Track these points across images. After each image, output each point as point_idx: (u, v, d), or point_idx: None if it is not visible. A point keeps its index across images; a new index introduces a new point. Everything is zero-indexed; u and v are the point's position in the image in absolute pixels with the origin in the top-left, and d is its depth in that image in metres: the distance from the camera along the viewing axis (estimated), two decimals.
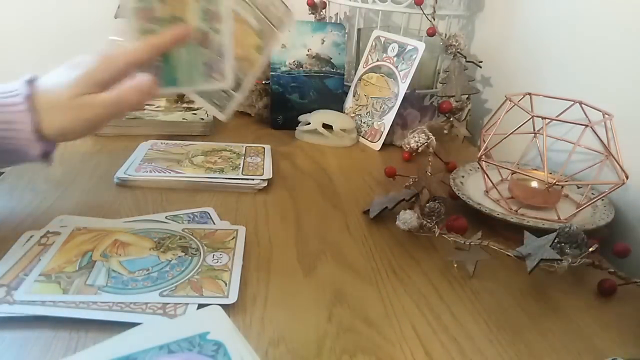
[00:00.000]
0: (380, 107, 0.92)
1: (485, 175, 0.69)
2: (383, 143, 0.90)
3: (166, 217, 0.61)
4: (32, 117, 0.45)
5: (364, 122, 0.95)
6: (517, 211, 0.65)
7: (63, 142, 0.50)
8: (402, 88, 0.89)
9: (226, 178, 0.71)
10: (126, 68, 0.48)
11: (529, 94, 0.71)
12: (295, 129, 0.94)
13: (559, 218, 0.64)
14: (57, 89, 0.46)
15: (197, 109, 0.98)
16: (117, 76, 0.48)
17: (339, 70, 0.99)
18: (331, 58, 0.98)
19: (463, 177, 0.73)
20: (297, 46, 0.97)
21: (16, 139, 0.46)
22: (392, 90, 0.91)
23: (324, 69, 0.98)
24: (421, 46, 0.88)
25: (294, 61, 0.97)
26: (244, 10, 0.54)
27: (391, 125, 0.90)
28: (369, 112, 0.94)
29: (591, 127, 0.61)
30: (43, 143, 0.47)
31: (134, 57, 0.48)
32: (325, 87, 0.99)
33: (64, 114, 0.46)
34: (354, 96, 0.98)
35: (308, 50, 0.97)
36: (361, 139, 0.94)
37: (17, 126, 0.45)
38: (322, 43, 0.98)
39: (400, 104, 0.89)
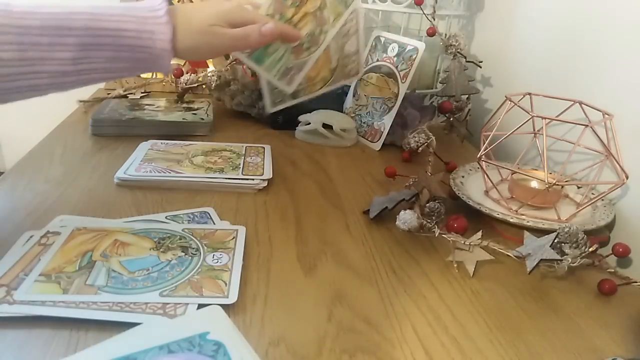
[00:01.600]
0: (381, 107, 0.92)
1: (485, 175, 0.69)
2: (383, 143, 0.90)
3: (166, 217, 0.61)
4: (171, 29, 0.52)
5: (364, 122, 0.95)
6: (517, 211, 0.65)
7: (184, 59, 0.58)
8: (402, 88, 0.89)
9: (226, 178, 0.71)
10: (254, 21, 0.57)
11: (529, 94, 0.71)
12: (295, 129, 0.94)
13: (559, 218, 0.64)
14: (196, 14, 0.55)
15: (197, 109, 0.98)
16: (245, 23, 0.57)
17: None
18: None
19: (463, 177, 0.73)
20: None
21: (154, 48, 0.52)
22: (392, 90, 0.91)
23: None
24: (421, 46, 0.88)
25: None
26: (334, 49, 0.67)
27: (391, 125, 0.90)
28: (369, 112, 0.94)
29: (591, 127, 0.61)
30: (172, 55, 0.54)
31: (262, 21, 0.58)
32: None
33: (196, 35, 0.54)
34: (354, 96, 0.98)
35: None
36: (361, 139, 0.94)
37: (157, 36, 0.52)
38: None
39: (401, 104, 0.89)
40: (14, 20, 0.47)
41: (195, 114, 0.95)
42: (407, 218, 0.59)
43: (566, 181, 0.68)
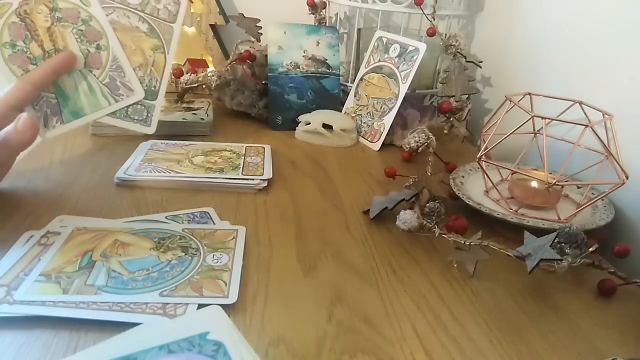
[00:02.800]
0: (381, 108, 0.92)
1: (485, 175, 0.69)
2: (383, 143, 0.90)
3: (166, 217, 0.61)
4: None
5: (364, 122, 0.95)
6: (517, 211, 0.65)
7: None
8: (403, 89, 0.89)
9: (226, 178, 0.71)
10: (6, 114, 0.49)
11: (529, 94, 0.71)
12: (295, 129, 0.94)
13: (559, 218, 0.64)
14: None
15: (197, 109, 0.98)
16: None
17: (334, 71, 1.00)
18: (326, 59, 0.99)
19: (463, 177, 0.73)
20: (294, 48, 0.98)
21: None
22: (392, 91, 0.91)
23: (320, 69, 0.99)
24: (422, 47, 0.88)
25: (290, 62, 0.98)
26: (125, 17, 0.54)
27: (391, 125, 0.90)
28: (369, 112, 0.94)
29: (591, 127, 0.61)
30: None
31: (11, 101, 0.49)
32: (322, 87, 0.99)
33: None
34: (355, 96, 0.98)
35: (304, 52, 0.98)
36: (361, 139, 0.94)
37: None
38: (317, 45, 0.99)
39: (401, 104, 0.89)
40: None
41: (195, 114, 0.95)
42: (407, 218, 0.59)
43: (566, 181, 0.68)
